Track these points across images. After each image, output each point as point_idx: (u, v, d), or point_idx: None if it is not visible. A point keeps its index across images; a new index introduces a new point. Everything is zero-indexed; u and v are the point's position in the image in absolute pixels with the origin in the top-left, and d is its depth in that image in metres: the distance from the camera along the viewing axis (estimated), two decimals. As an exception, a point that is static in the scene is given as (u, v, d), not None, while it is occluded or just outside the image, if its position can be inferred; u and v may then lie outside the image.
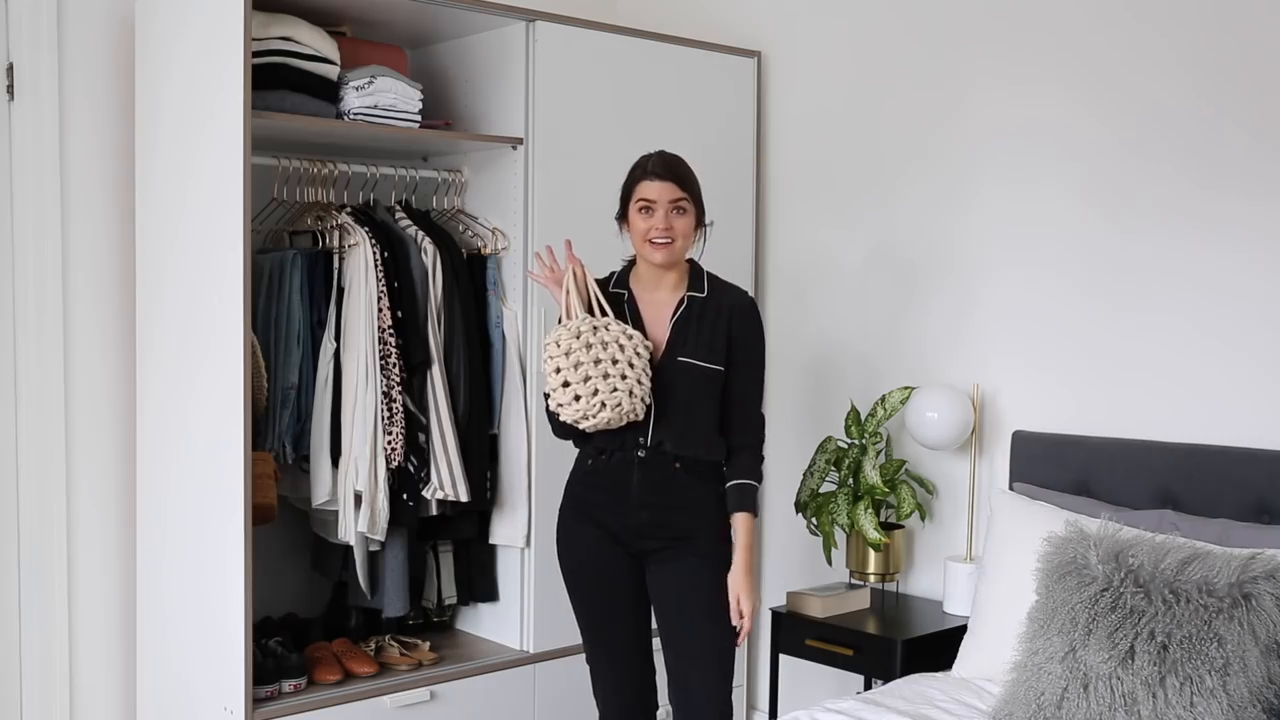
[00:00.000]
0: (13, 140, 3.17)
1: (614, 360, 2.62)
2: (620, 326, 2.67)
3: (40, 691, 3.24)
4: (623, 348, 2.64)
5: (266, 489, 3.02)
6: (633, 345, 2.65)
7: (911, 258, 3.55)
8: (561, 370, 2.64)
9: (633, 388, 2.63)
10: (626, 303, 2.77)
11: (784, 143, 3.89)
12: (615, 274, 2.83)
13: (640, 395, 2.64)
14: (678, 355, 2.69)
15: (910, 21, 3.55)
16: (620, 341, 2.64)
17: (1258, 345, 2.90)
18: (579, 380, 2.62)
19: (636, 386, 2.63)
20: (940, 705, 2.66)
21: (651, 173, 2.68)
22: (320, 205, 3.30)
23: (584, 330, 2.65)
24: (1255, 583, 2.32)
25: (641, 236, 2.69)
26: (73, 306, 3.24)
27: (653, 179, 2.67)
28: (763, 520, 3.96)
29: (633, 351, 2.64)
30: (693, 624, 2.73)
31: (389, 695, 3.14)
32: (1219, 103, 2.94)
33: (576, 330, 2.66)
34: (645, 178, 2.68)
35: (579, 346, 2.63)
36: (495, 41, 3.43)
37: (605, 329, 2.66)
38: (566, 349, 2.64)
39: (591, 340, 2.64)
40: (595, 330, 2.65)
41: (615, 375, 2.62)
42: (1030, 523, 2.86)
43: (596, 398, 2.62)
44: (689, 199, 2.68)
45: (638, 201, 2.69)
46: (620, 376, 2.62)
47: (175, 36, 3.07)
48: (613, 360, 2.62)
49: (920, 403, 3.32)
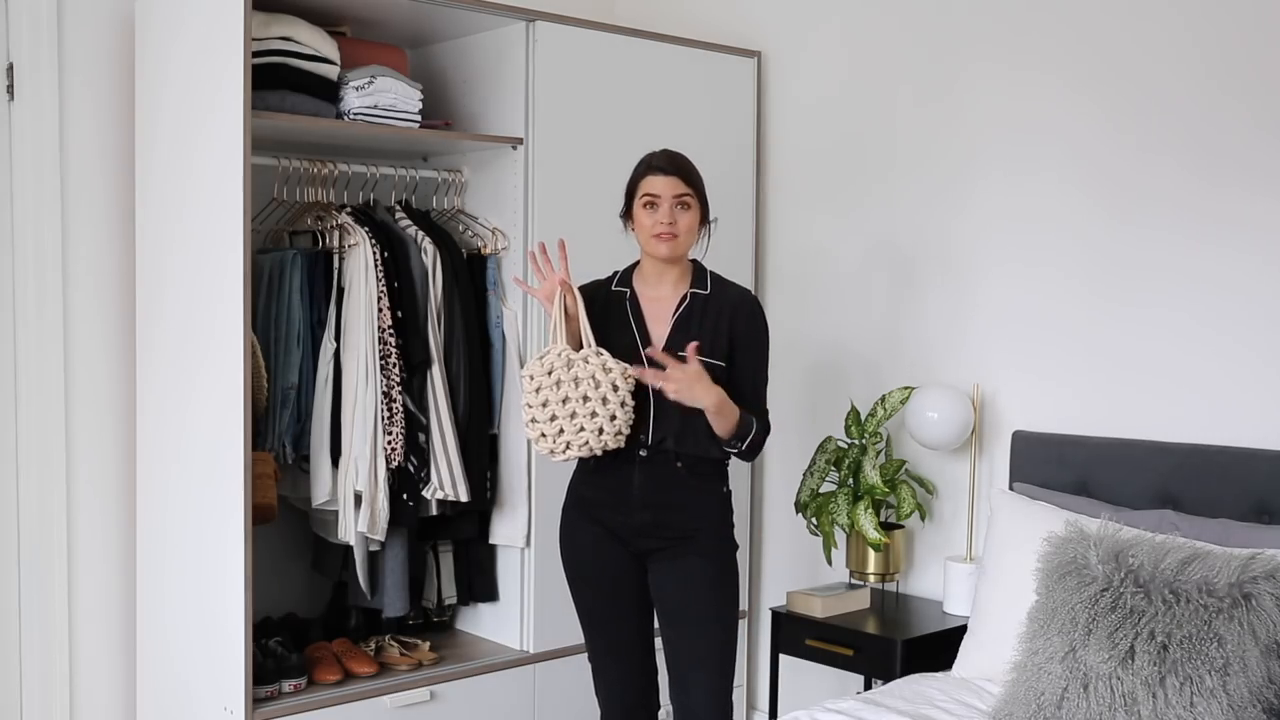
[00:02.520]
0: (13, 140, 3.17)
1: (584, 398, 2.63)
2: (601, 359, 2.66)
3: (40, 691, 3.24)
4: (598, 383, 2.64)
5: (266, 489, 3.02)
6: (610, 379, 2.64)
7: (911, 257, 3.55)
8: (531, 406, 2.69)
9: (603, 425, 2.63)
10: (629, 300, 2.77)
11: (784, 143, 3.89)
12: (618, 273, 2.84)
13: (619, 426, 2.65)
14: (679, 352, 2.69)
15: (910, 21, 3.55)
16: (597, 376, 2.64)
17: (1259, 344, 2.89)
18: (545, 419, 2.67)
19: (609, 423, 2.63)
20: (940, 705, 2.66)
21: (656, 168, 2.70)
22: (320, 205, 3.30)
23: (557, 366, 2.67)
24: (1255, 583, 2.32)
25: (646, 231, 2.70)
26: (73, 306, 3.24)
27: (657, 174, 2.69)
28: (762, 520, 3.96)
29: (610, 385, 2.63)
30: (694, 624, 2.73)
31: (389, 695, 3.14)
32: (1223, 96, 2.93)
33: (549, 366, 2.68)
34: (650, 173, 2.70)
35: (549, 384, 2.66)
36: (495, 41, 3.43)
37: (583, 362, 2.66)
38: (537, 385, 2.68)
39: (563, 377, 2.65)
40: (570, 365, 2.66)
41: (584, 414, 2.63)
42: (1030, 523, 2.85)
43: (562, 437, 2.66)
44: (693, 194, 2.70)
45: (643, 196, 2.70)
46: (589, 415, 2.63)
47: (175, 36, 3.07)
48: (583, 398, 2.63)
49: (920, 403, 3.32)
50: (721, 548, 2.77)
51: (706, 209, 2.76)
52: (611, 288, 2.81)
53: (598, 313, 2.76)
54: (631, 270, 2.82)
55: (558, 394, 2.65)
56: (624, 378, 2.65)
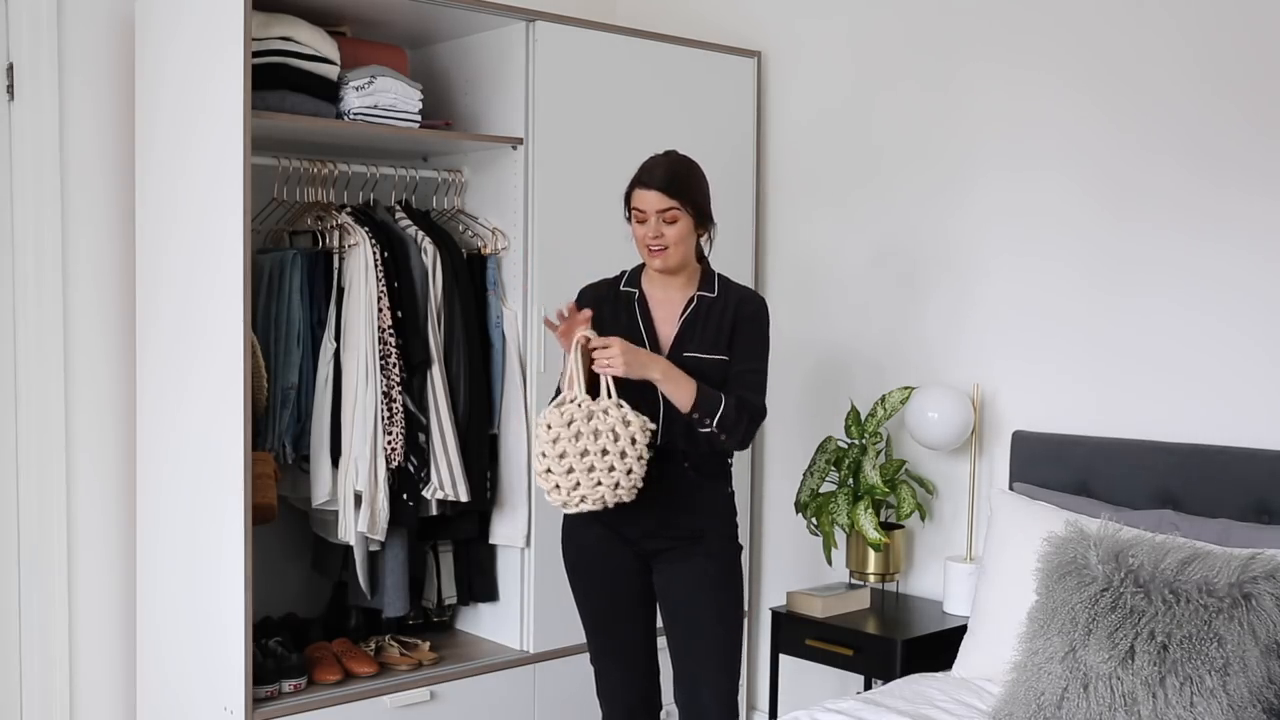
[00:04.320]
0: (13, 140, 3.17)
1: (604, 451, 2.57)
2: (621, 411, 2.60)
3: (40, 691, 3.24)
4: (617, 436, 2.58)
5: (266, 489, 3.02)
6: (630, 432, 2.59)
7: (911, 256, 3.55)
8: (546, 456, 2.61)
9: (619, 480, 2.58)
10: (637, 301, 2.77)
11: (784, 143, 3.89)
12: (626, 273, 2.83)
13: (634, 481, 2.60)
14: (684, 351, 2.69)
15: (910, 21, 3.55)
16: (616, 429, 2.58)
17: (1259, 344, 2.89)
18: (561, 472, 2.60)
19: (625, 477, 2.59)
20: (940, 705, 2.66)
21: (644, 181, 2.67)
22: (320, 205, 3.30)
23: (577, 418, 2.60)
24: (1255, 583, 2.32)
25: (640, 243, 2.70)
26: (73, 306, 3.24)
27: (643, 188, 2.67)
28: (763, 520, 3.96)
29: (629, 439, 2.59)
30: (699, 624, 2.73)
31: (389, 695, 3.14)
32: (1223, 94, 2.93)
33: (569, 417, 2.60)
34: (638, 186, 2.68)
35: (568, 436, 2.59)
36: (495, 41, 3.43)
37: (603, 415, 2.60)
38: (554, 436, 2.60)
39: (583, 429, 2.59)
40: (590, 418, 2.59)
41: (602, 469, 2.58)
42: (1030, 523, 2.86)
43: (577, 491, 2.60)
44: (680, 207, 2.66)
45: (632, 209, 2.70)
46: (607, 469, 2.58)
47: (175, 36, 3.07)
48: (602, 451, 2.57)
49: (920, 403, 3.32)
50: (727, 548, 2.78)
51: (703, 216, 2.72)
52: (620, 287, 2.80)
53: (605, 312, 2.75)
54: (640, 270, 2.82)
55: (576, 446, 2.58)
56: (643, 431, 2.60)
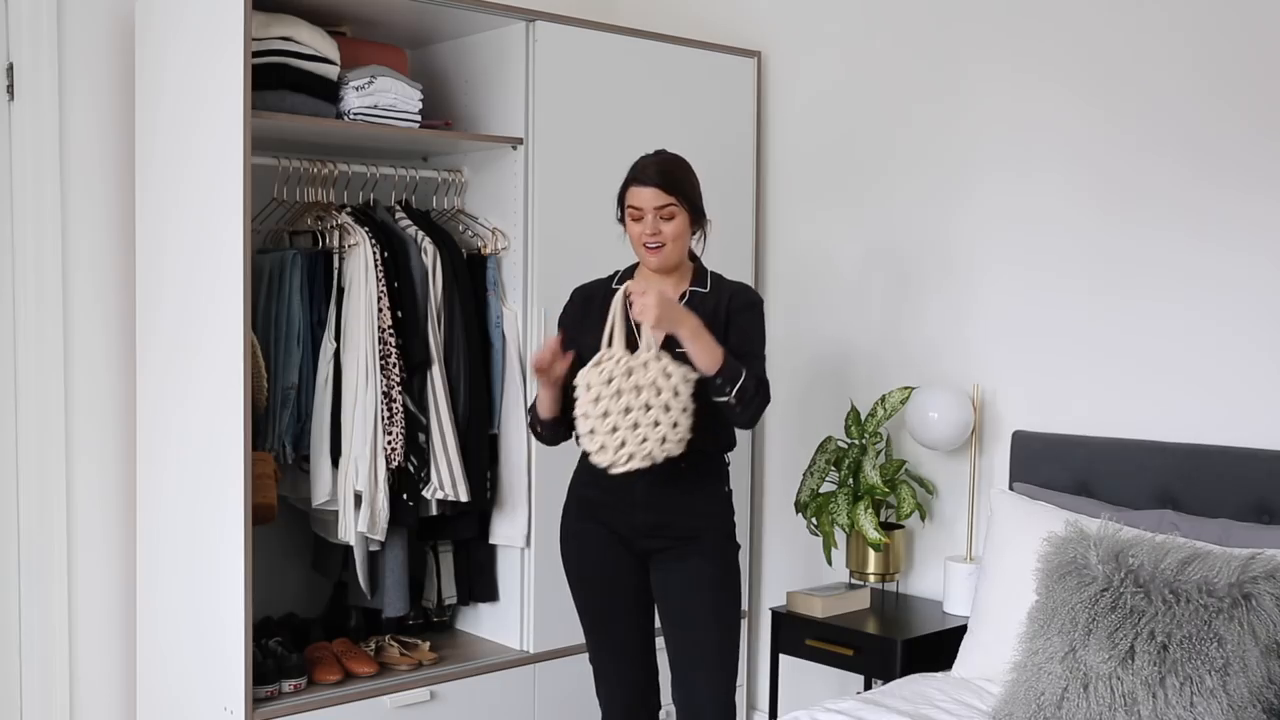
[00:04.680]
0: (13, 140, 3.17)
1: (646, 406, 2.55)
2: (660, 364, 2.59)
3: (40, 691, 3.24)
4: (659, 389, 2.56)
5: (266, 489, 3.02)
6: (671, 384, 2.57)
7: (911, 257, 3.55)
8: (589, 417, 2.59)
9: (665, 434, 2.56)
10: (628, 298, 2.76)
11: (784, 143, 3.89)
12: (619, 272, 2.84)
13: (680, 433, 2.58)
14: (676, 347, 2.68)
15: (910, 21, 3.55)
16: (658, 382, 2.57)
17: (1259, 344, 2.89)
18: (605, 431, 2.57)
19: (671, 430, 2.56)
20: (940, 705, 2.66)
21: (639, 179, 2.68)
22: (320, 205, 3.30)
23: (616, 375, 2.58)
24: (1255, 583, 2.32)
25: (636, 241, 2.70)
26: (73, 306, 3.24)
27: (639, 185, 2.67)
28: (762, 520, 3.96)
29: (671, 391, 2.57)
30: (698, 624, 2.73)
31: (389, 695, 3.14)
32: (1223, 95, 2.93)
33: (608, 375, 2.59)
34: (634, 184, 2.68)
35: (608, 394, 2.57)
36: (495, 41, 3.43)
37: (643, 368, 2.58)
38: (595, 396, 2.58)
39: (623, 385, 2.57)
40: (629, 373, 2.58)
41: (646, 423, 2.55)
42: (1030, 523, 2.86)
43: (624, 448, 2.56)
44: (676, 203, 2.66)
45: (628, 207, 2.70)
46: (652, 424, 2.55)
47: (175, 36, 3.07)
48: (645, 406, 2.55)
49: (920, 403, 3.32)
50: (725, 547, 2.78)
51: (698, 212, 2.73)
52: (612, 285, 2.80)
53: (597, 310, 2.76)
54: (633, 270, 2.82)
55: (619, 403, 2.56)
56: (685, 382, 2.58)
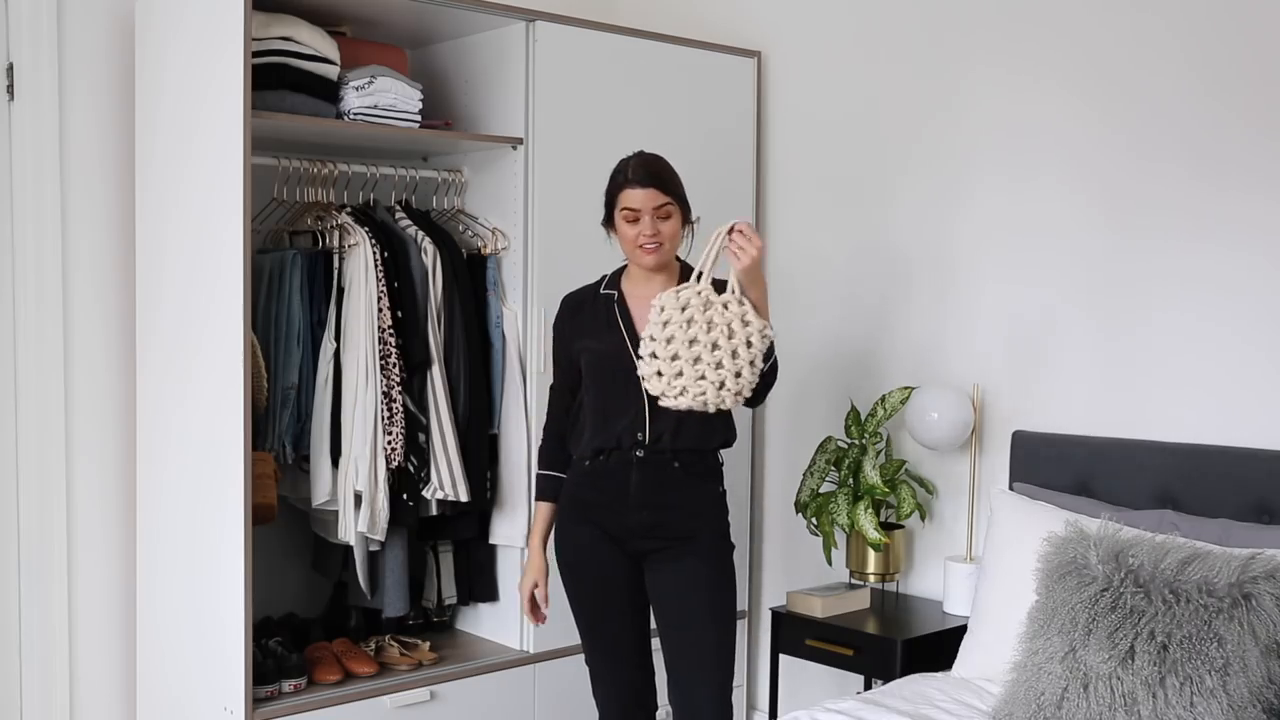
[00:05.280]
0: (13, 140, 3.17)
1: (714, 345, 2.46)
2: (741, 309, 2.49)
3: (40, 691, 3.24)
4: (732, 333, 2.47)
5: (266, 489, 3.02)
6: (746, 332, 2.49)
7: (911, 257, 3.55)
8: (655, 340, 2.49)
9: (725, 380, 2.46)
10: (617, 303, 2.76)
11: (784, 143, 3.89)
12: (606, 277, 2.83)
13: (740, 386, 2.49)
14: None
15: (910, 23, 3.55)
16: (733, 326, 2.48)
17: (1258, 344, 2.89)
18: (666, 357, 2.47)
19: (732, 379, 2.47)
20: (940, 705, 2.66)
21: (633, 181, 2.65)
22: (320, 205, 3.30)
23: (693, 305, 2.47)
24: (1255, 583, 2.32)
25: (631, 243, 2.68)
26: (73, 306, 3.24)
27: (635, 187, 2.65)
28: (762, 520, 3.96)
29: (744, 340, 2.48)
30: (694, 624, 2.73)
31: (389, 695, 3.14)
32: (1222, 98, 2.93)
33: (685, 302, 2.48)
34: (627, 185, 2.66)
35: (679, 320, 2.47)
36: (495, 41, 3.43)
37: (722, 308, 2.49)
38: (665, 319, 2.48)
39: (697, 317, 2.47)
40: (706, 307, 2.47)
41: (709, 362, 2.45)
42: (1030, 523, 2.86)
43: (679, 380, 2.46)
44: (673, 202, 2.66)
45: (622, 210, 2.67)
46: (714, 365, 2.45)
47: (175, 36, 3.07)
48: (713, 345, 2.46)
49: (920, 403, 3.32)
50: (719, 547, 2.78)
51: (688, 210, 2.72)
52: (600, 291, 2.80)
53: (586, 316, 2.76)
54: (619, 273, 2.82)
55: (686, 334, 2.45)
56: (761, 336, 2.50)
